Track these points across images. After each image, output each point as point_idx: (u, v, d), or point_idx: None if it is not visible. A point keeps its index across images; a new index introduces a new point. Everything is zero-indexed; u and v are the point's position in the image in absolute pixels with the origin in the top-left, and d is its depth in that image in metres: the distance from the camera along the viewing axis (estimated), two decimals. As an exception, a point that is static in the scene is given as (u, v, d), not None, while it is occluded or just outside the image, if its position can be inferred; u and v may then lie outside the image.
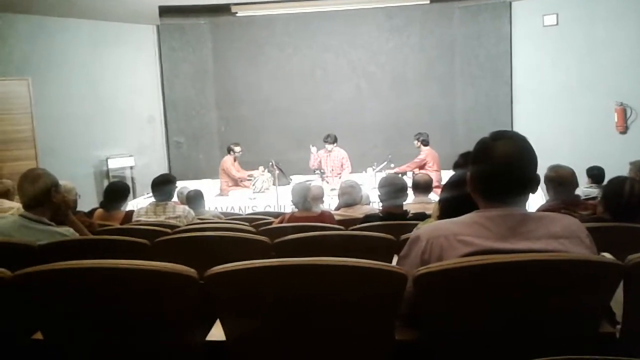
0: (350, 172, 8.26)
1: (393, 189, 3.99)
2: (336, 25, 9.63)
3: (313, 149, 8.37)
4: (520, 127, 8.97)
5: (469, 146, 1.74)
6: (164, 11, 9.17)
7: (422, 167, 7.90)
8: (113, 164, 8.81)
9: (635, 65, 7.77)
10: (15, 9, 7.53)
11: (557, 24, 8.52)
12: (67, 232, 2.84)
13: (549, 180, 3.73)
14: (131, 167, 9.03)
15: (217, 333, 1.66)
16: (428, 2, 9.28)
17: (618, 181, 2.76)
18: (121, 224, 4.33)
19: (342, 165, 8.33)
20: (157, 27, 9.55)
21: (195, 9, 9.22)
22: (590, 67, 8.20)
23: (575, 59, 8.36)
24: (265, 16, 9.57)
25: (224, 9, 9.37)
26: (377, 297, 1.58)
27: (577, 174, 4.03)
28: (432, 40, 9.54)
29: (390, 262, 2.21)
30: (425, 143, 8.01)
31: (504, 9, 9.07)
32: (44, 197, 2.78)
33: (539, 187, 1.68)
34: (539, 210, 3.57)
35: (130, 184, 9.00)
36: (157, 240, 2.70)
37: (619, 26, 7.88)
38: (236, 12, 9.44)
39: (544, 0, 8.63)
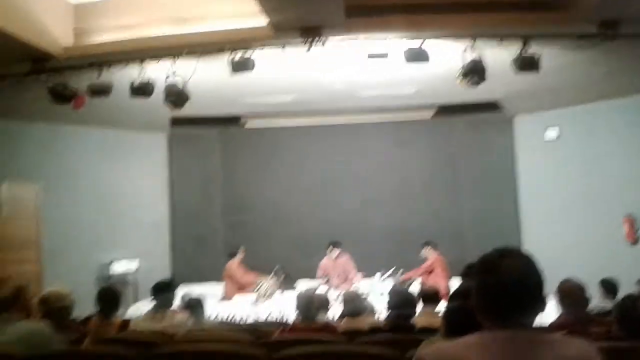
0: (356, 277, 8.15)
1: (401, 300, 3.92)
2: (342, 137, 9.92)
3: (325, 261, 8.30)
4: (528, 237, 8.92)
5: (476, 255, 1.68)
6: (176, 121, 9.49)
7: (430, 272, 7.79)
8: (117, 267, 8.74)
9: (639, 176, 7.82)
10: (30, 117, 7.80)
11: (559, 137, 8.72)
12: (31, 327, 2.85)
13: (556, 294, 3.62)
14: (135, 271, 8.94)
15: None
16: (429, 117, 9.60)
17: (631, 298, 2.66)
18: (118, 332, 4.18)
19: (344, 271, 8.23)
20: (168, 135, 9.86)
21: (206, 119, 9.55)
22: (595, 179, 8.27)
23: (580, 171, 8.46)
24: (273, 128, 9.89)
25: (234, 121, 9.71)
26: None
27: (588, 287, 3.91)
28: (436, 152, 9.77)
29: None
30: (435, 248, 7.98)
31: (506, 124, 9.36)
32: (13, 298, 2.87)
33: (552, 301, 1.61)
34: (550, 325, 3.43)
35: (133, 289, 8.90)
36: (149, 353, 2.59)
37: (620, 138, 8.04)
38: (245, 123, 9.77)
39: (544, 115, 8.89)
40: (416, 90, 8.14)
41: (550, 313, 5.03)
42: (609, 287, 5.79)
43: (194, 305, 5.20)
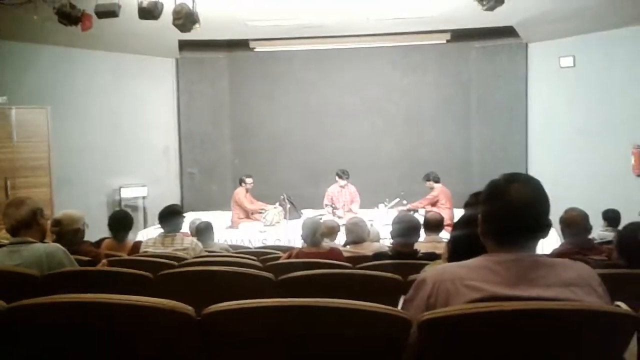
0: (360, 207, 8.23)
1: (405, 226, 3.95)
2: (352, 63, 9.73)
3: (332, 188, 8.34)
4: (535, 167, 8.89)
5: (483, 185, 1.70)
6: (184, 45, 9.34)
7: (434, 204, 7.84)
8: (126, 193, 8.85)
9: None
10: (39, 40, 7.69)
11: (574, 65, 8.50)
12: (47, 247, 2.85)
13: (560, 222, 3.67)
14: (144, 197, 9.06)
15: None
16: (444, 41, 9.35)
17: (633, 227, 2.69)
18: (129, 254, 4.30)
19: (351, 201, 8.32)
20: (176, 60, 9.72)
21: (214, 43, 9.37)
22: (607, 109, 8.12)
23: (592, 101, 8.30)
24: (282, 52, 9.71)
25: (242, 44, 9.51)
26: (380, 341, 1.53)
27: (592, 217, 3.95)
28: (448, 78, 9.58)
29: (397, 303, 2.14)
30: (436, 180, 7.98)
31: (520, 50, 9.11)
32: (30, 219, 2.85)
33: (554, 230, 1.63)
34: (552, 253, 3.50)
35: (142, 214, 9.07)
36: (161, 273, 2.67)
37: (637, 69, 7.83)
38: (254, 48, 9.59)
39: (560, 42, 8.64)
40: (431, 15, 7.90)
41: (552, 240, 5.13)
42: (611, 217, 5.85)
43: (203, 230, 5.33)
